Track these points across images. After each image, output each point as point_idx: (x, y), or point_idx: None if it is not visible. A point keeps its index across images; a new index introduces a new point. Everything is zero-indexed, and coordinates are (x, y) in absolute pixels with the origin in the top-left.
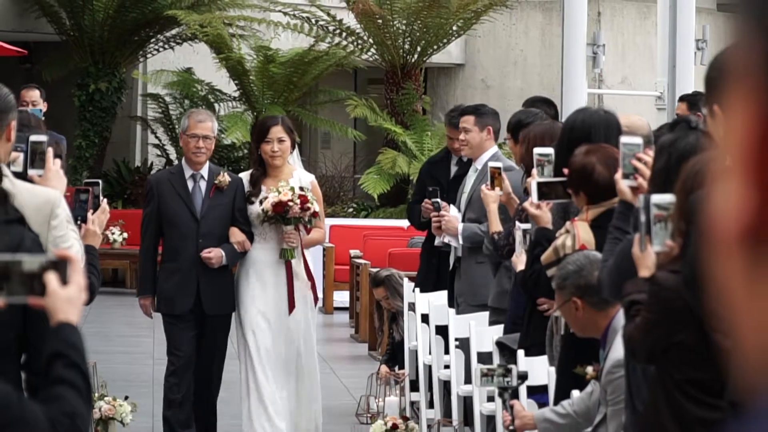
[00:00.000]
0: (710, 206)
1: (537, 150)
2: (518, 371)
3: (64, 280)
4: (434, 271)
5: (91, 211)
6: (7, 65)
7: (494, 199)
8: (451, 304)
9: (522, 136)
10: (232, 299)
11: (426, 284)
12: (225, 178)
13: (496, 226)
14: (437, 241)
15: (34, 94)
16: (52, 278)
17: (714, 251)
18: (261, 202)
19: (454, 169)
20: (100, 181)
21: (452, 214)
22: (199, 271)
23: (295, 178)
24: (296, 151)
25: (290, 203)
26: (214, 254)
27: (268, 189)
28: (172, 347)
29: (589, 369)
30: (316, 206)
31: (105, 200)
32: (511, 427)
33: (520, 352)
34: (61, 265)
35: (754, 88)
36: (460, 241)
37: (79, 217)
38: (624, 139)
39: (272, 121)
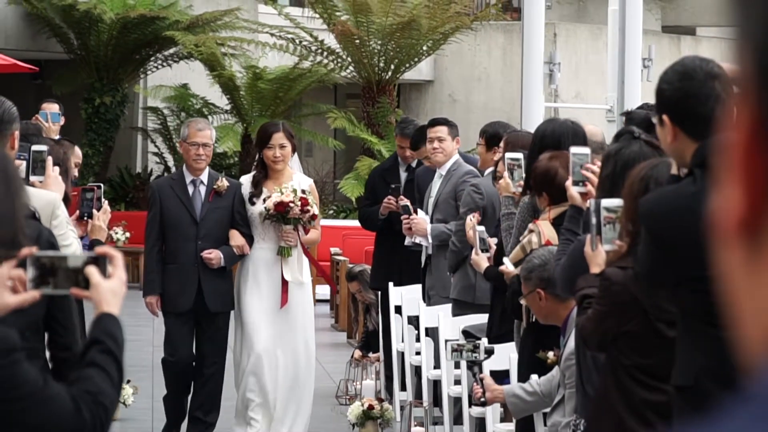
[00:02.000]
0: (712, 205)
1: (508, 155)
2: (485, 347)
3: (104, 274)
4: (395, 264)
5: (95, 209)
6: (21, 81)
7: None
8: (423, 297)
9: (507, 142)
10: (232, 297)
11: (385, 276)
12: (223, 183)
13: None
14: (407, 241)
15: (54, 107)
16: (95, 272)
17: (717, 245)
18: (264, 201)
19: (404, 175)
20: (102, 185)
21: (420, 217)
22: (200, 270)
23: (294, 181)
24: (296, 156)
25: (291, 204)
26: (214, 255)
27: (269, 191)
28: (171, 344)
29: (550, 354)
30: (315, 209)
31: (106, 202)
32: (482, 399)
33: (484, 339)
34: (102, 261)
35: (740, 101)
36: (430, 240)
37: (86, 213)
38: (573, 150)
39: (274, 128)
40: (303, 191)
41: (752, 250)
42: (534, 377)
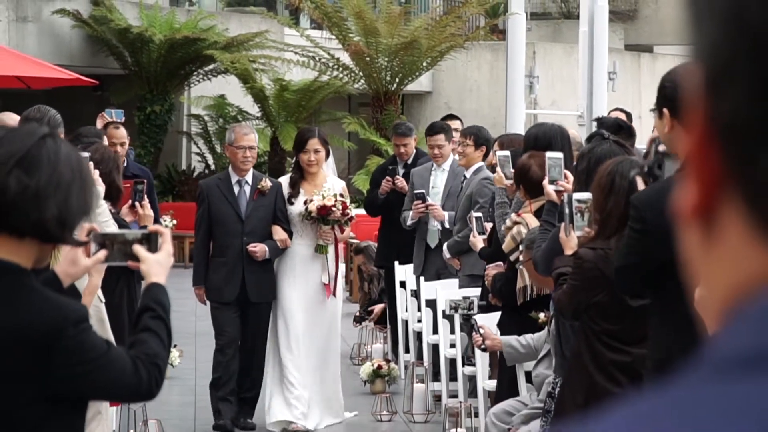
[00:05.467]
0: (675, 195)
1: (499, 153)
2: (478, 302)
3: (155, 249)
4: (394, 245)
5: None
6: (84, 93)
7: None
8: (431, 274)
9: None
10: (274, 289)
11: (387, 255)
12: (266, 183)
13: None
14: (409, 223)
15: (111, 110)
16: (141, 248)
17: (679, 229)
18: (305, 203)
19: (401, 171)
20: (145, 181)
21: (437, 204)
22: (245, 264)
23: (328, 183)
24: (330, 159)
25: (333, 208)
26: (260, 248)
27: (307, 192)
28: (218, 330)
29: (541, 315)
30: (353, 212)
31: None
32: (483, 346)
33: (476, 298)
34: (153, 237)
35: (694, 105)
36: (446, 224)
37: (137, 201)
38: (549, 154)
39: (309, 134)
40: (341, 195)
41: (706, 233)
42: (528, 334)
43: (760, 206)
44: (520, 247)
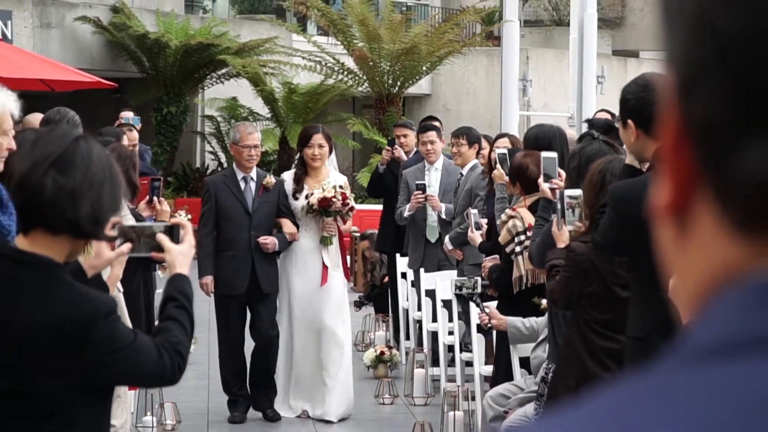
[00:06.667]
0: (651, 192)
1: (498, 150)
2: (481, 283)
3: (178, 241)
4: (392, 232)
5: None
6: (103, 95)
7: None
8: (432, 267)
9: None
10: (277, 281)
11: (385, 240)
12: (271, 179)
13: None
14: (406, 213)
15: (129, 114)
16: (166, 239)
17: (654, 224)
18: (306, 197)
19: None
20: (161, 178)
21: (435, 195)
22: (254, 256)
23: (331, 179)
24: (333, 156)
25: (333, 199)
26: (270, 241)
27: (311, 187)
28: (223, 326)
29: (543, 301)
30: (353, 202)
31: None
32: (488, 326)
33: (479, 278)
34: (176, 230)
35: (667, 109)
36: (443, 215)
37: (154, 197)
38: (544, 154)
39: (314, 130)
40: (341, 186)
41: (680, 229)
42: (532, 317)
43: (729, 203)
44: (516, 239)
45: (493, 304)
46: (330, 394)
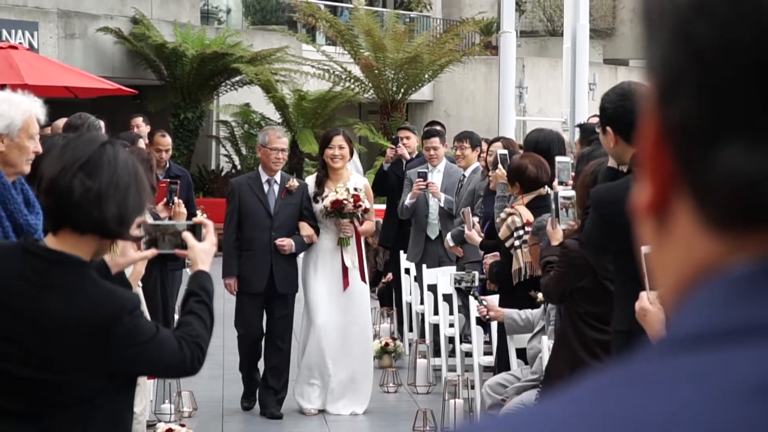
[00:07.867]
0: (632, 193)
1: (500, 151)
2: (479, 276)
3: (200, 239)
4: (394, 227)
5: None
6: (124, 101)
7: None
8: (432, 263)
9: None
10: (297, 282)
11: (387, 236)
12: (294, 183)
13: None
14: (407, 202)
15: (139, 120)
16: (190, 236)
17: (636, 223)
18: (322, 200)
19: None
20: (178, 181)
21: (435, 183)
22: (273, 257)
23: (351, 182)
24: (355, 158)
25: (345, 201)
26: (287, 242)
27: (330, 190)
28: (243, 321)
29: (540, 294)
30: (367, 204)
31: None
32: (487, 317)
33: (477, 273)
34: (198, 228)
35: (647, 114)
36: (441, 204)
37: (171, 200)
38: (558, 158)
39: (334, 132)
40: (356, 189)
41: (660, 227)
42: (528, 309)
43: (707, 202)
44: (515, 234)
45: (494, 298)
46: (346, 393)
